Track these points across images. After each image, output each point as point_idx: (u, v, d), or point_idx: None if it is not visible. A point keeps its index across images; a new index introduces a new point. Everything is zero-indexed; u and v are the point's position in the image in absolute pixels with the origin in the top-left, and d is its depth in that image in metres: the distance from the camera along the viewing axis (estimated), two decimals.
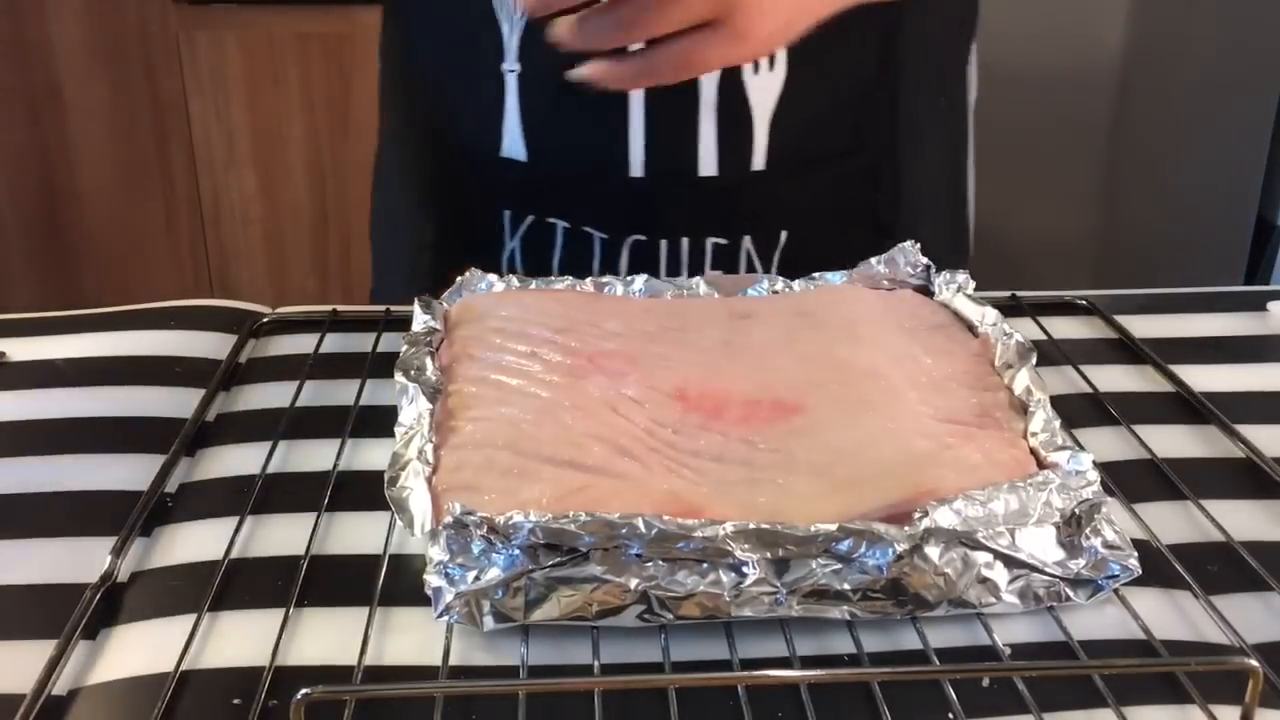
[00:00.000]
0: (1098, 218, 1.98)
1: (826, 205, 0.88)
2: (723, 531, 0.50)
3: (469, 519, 0.50)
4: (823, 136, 0.86)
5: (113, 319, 0.79)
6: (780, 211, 0.86)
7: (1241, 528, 0.58)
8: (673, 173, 0.84)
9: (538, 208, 0.87)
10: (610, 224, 0.86)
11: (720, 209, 0.85)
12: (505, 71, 0.82)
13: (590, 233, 0.86)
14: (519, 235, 0.88)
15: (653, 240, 0.85)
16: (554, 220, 0.87)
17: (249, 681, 0.49)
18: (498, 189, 0.87)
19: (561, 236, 0.87)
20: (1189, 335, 0.78)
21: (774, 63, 0.81)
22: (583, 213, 0.86)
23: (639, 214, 0.85)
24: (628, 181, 0.84)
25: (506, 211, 0.88)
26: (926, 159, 0.93)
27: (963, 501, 0.52)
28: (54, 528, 0.59)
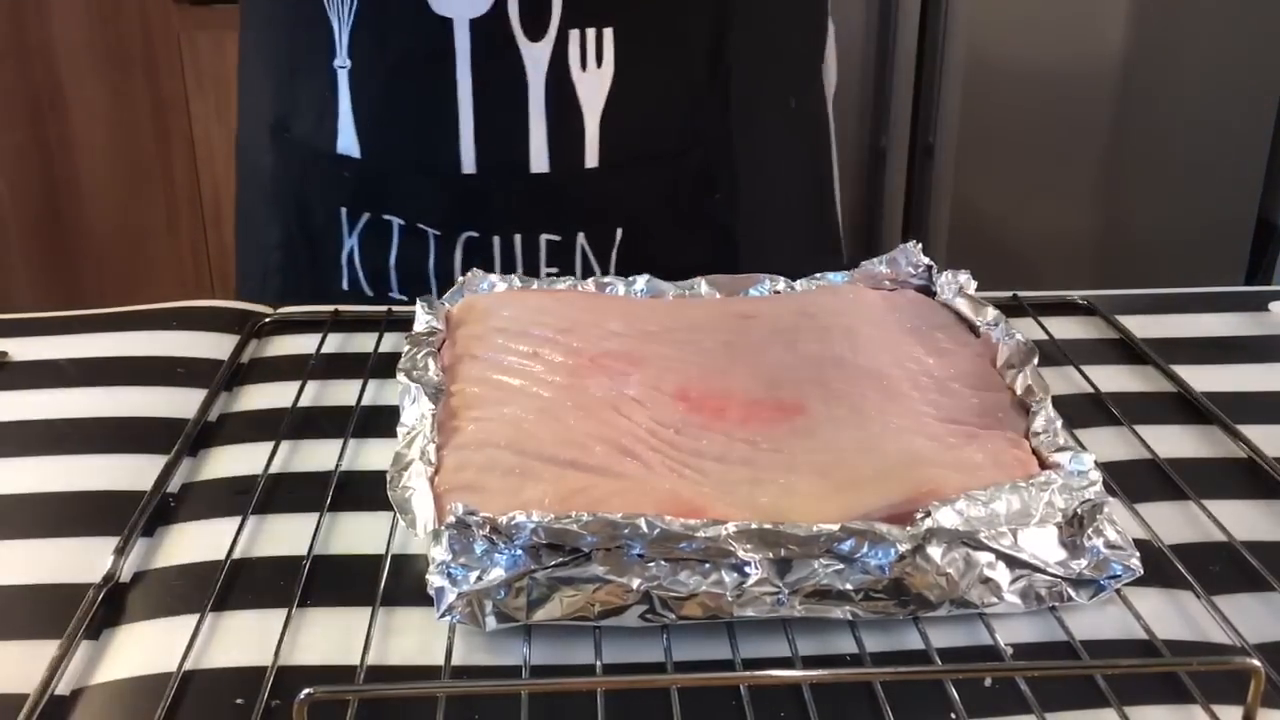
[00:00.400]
0: (1099, 217, 1.98)
1: (660, 204, 0.88)
2: (725, 531, 0.50)
3: (471, 519, 0.50)
4: (654, 135, 0.87)
5: (115, 319, 0.79)
6: (614, 209, 0.87)
7: (1243, 528, 0.58)
8: (504, 169, 0.84)
9: (373, 205, 0.87)
10: (443, 220, 0.86)
11: (553, 205, 0.86)
12: (337, 68, 0.83)
13: (424, 230, 0.86)
14: (357, 233, 0.88)
15: (486, 237, 0.85)
16: (390, 217, 0.87)
17: (251, 681, 0.49)
18: (334, 186, 0.88)
19: (398, 233, 0.87)
20: (1190, 335, 0.78)
21: (601, 60, 0.82)
22: (416, 209, 0.86)
23: (472, 210, 0.85)
24: (460, 178, 0.84)
25: (343, 209, 0.88)
26: (772, 160, 0.93)
27: (965, 501, 0.52)
28: (56, 528, 0.59)
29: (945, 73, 1.81)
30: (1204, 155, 1.95)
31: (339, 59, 0.83)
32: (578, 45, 0.81)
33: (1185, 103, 1.92)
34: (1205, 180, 1.97)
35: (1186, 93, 1.91)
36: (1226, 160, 1.97)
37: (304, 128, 0.88)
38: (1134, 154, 1.95)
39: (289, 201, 0.91)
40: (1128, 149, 1.94)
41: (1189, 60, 1.90)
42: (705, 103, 0.88)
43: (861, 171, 1.88)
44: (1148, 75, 1.90)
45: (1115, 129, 1.93)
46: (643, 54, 0.83)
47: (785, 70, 0.93)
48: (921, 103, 1.85)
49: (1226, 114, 1.94)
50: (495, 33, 0.80)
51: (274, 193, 0.92)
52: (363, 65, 0.83)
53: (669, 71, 0.85)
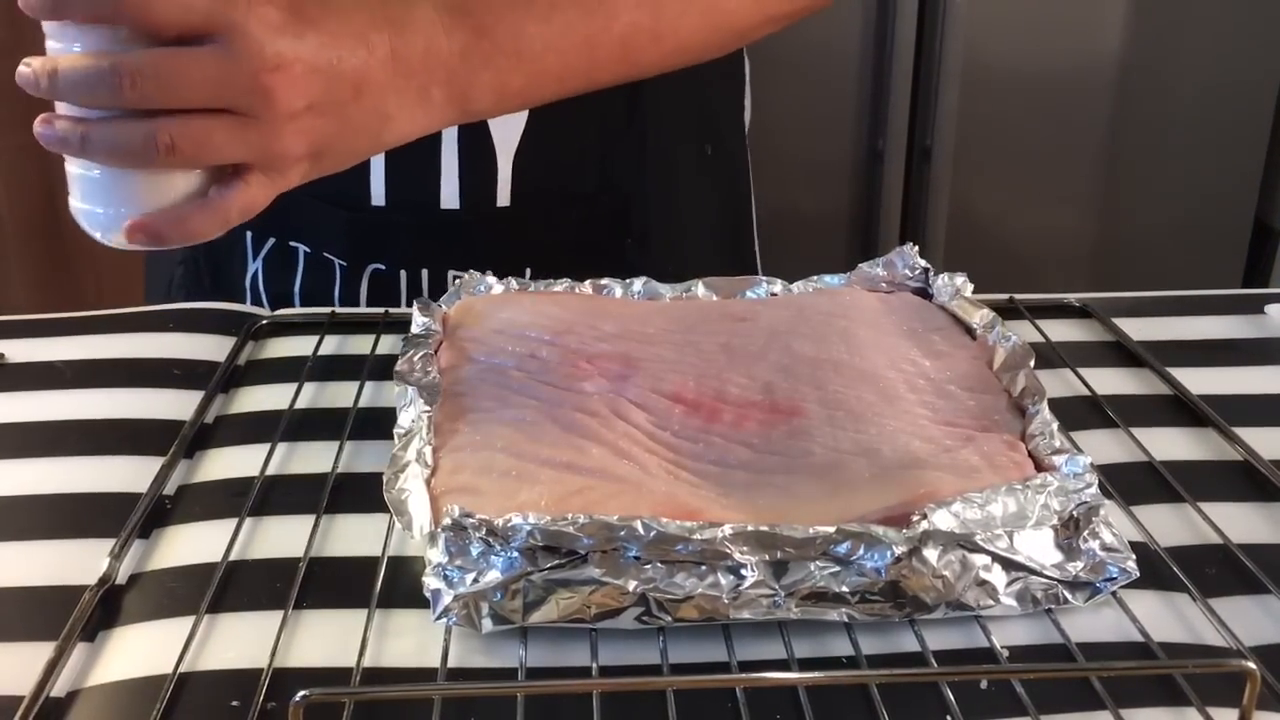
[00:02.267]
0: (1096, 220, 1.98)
1: (572, 244, 0.87)
2: (721, 534, 0.50)
3: (468, 521, 0.50)
4: (568, 176, 0.86)
5: (112, 321, 0.79)
6: (524, 248, 0.86)
7: (1239, 530, 0.58)
8: (414, 205, 0.83)
9: (279, 231, 0.86)
10: (350, 252, 0.85)
11: (462, 243, 0.85)
12: None
13: (330, 259, 0.85)
14: (261, 257, 0.87)
15: (392, 271, 0.85)
16: (296, 244, 0.86)
17: (247, 683, 0.49)
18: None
19: (303, 261, 0.86)
20: (1187, 338, 0.78)
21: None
22: (323, 239, 0.85)
23: (379, 244, 0.85)
24: (369, 211, 0.83)
25: (249, 233, 0.87)
26: (686, 204, 0.92)
27: (961, 504, 0.52)
28: (53, 530, 0.59)
29: (942, 75, 1.81)
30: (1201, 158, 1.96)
31: None
32: None
33: (1182, 106, 1.92)
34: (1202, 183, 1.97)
35: (1183, 96, 1.91)
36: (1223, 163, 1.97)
37: None
38: (1131, 157, 1.95)
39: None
40: (1125, 152, 1.94)
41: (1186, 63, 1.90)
42: (620, 147, 0.87)
43: (859, 174, 1.88)
44: (1145, 78, 1.90)
45: (1112, 132, 1.93)
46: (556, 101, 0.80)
47: (703, 118, 0.92)
48: (919, 105, 1.85)
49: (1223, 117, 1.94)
50: None
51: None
52: None
53: (584, 114, 0.82)
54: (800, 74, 1.74)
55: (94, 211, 0.58)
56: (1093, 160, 1.95)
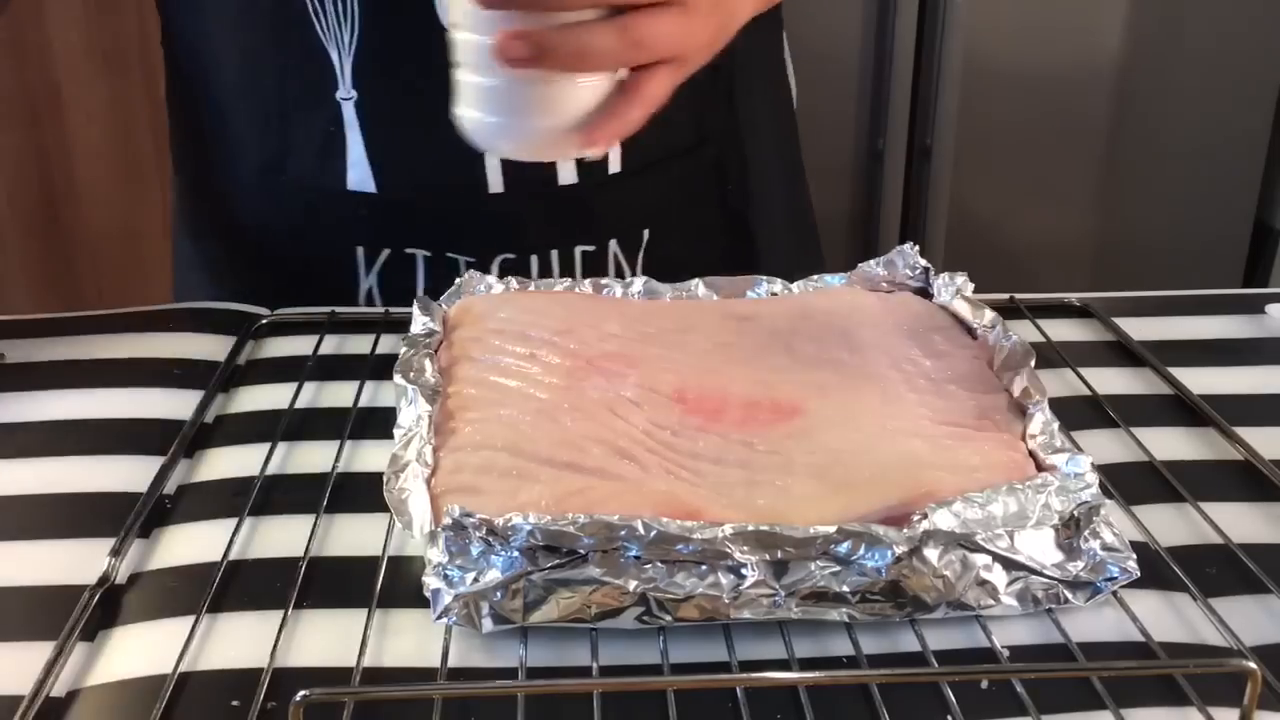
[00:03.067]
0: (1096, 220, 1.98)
1: (681, 200, 0.88)
2: (721, 533, 0.50)
3: (468, 521, 0.50)
4: (670, 132, 0.86)
5: (111, 320, 0.79)
6: (640, 211, 0.86)
7: (1240, 530, 0.58)
8: (533, 184, 0.82)
9: (394, 240, 0.84)
10: (476, 246, 0.84)
11: (584, 216, 0.84)
12: (340, 100, 0.80)
13: (455, 258, 0.84)
14: (375, 271, 0.85)
15: (523, 257, 0.84)
16: (414, 251, 0.84)
17: (247, 683, 0.49)
18: (347, 225, 0.84)
19: (424, 266, 0.84)
20: (1187, 338, 0.78)
21: None
22: (445, 239, 0.84)
23: (504, 231, 0.84)
24: (488, 199, 0.82)
25: (359, 248, 0.84)
26: (766, 149, 0.94)
27: (961, 504, 0.52)
28: (52, 529, 0.59)
29: (943, 75, 1.81)
30: (1201, 158, 1.96)
31: (342, 90, 0.80)
32: None
33: (1183, 105, 1.92)
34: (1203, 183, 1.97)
35: (1184, 95, 1.91)
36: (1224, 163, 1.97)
37: (304, 167, 0.83)
38: (1131, 157, 1.95)
39: (287, 247, 0.86)
40: (1125, 152, 1.94)
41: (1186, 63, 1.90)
42: (713, 93, 0.88)
43: (859, 174, 1.88)
44: (1145, 78, 1.90)
45: (1112, 132, 1.93)
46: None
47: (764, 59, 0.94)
48: (919, 105, 1.85)
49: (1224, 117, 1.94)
50: None
51: (262, 238, 0.88)
52: (371, 93, 0.80)
53: None
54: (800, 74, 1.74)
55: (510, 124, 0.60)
56: (1093, 160, 1.95)
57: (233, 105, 0.86)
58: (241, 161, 0.86)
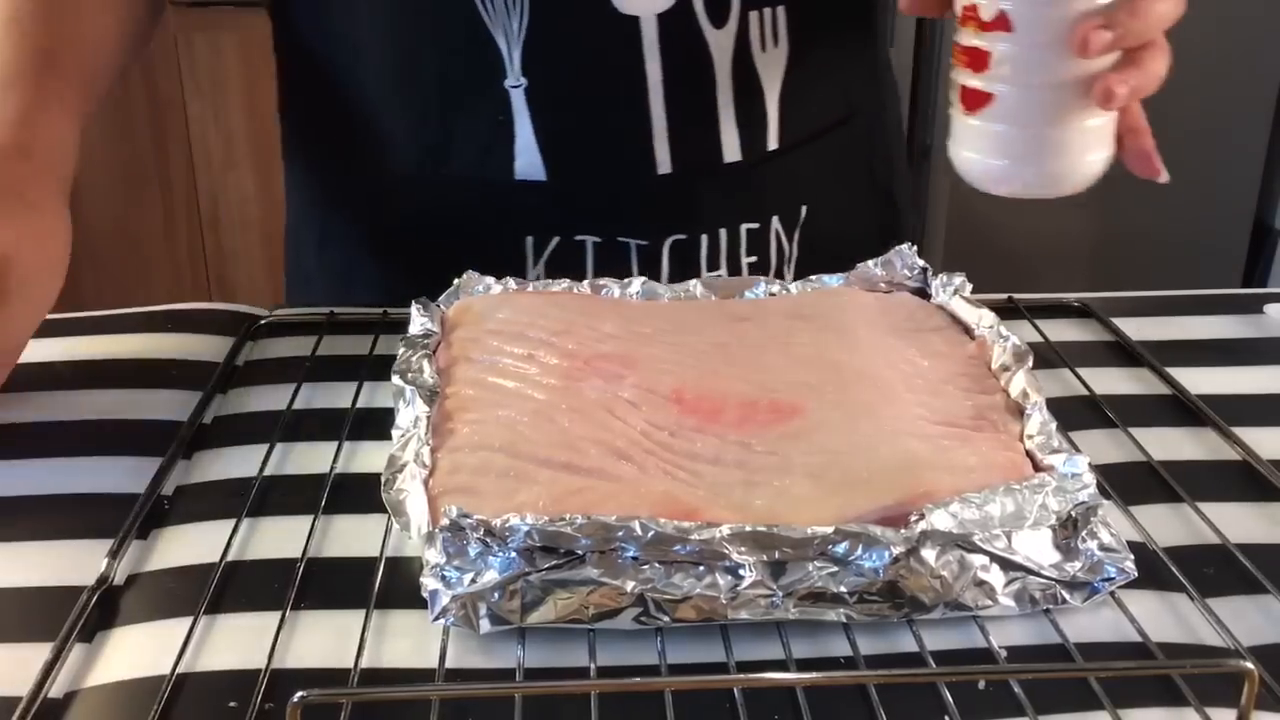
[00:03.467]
0: (1095, 220, 1.99)
1: (835, 174, 0.89)
2: (719, 534, 0.50)
3: (465, 521, 0.50)
4: (824, 106, 0.87)
5: (110, 321, 0.79)
6: (799, 187, 0.87)
7: (1238, 530, 0.58)
8: (699, 164, 0.82)
9: (563, 227, 0.83)
10: (646, 229, 0.83)
11: (748, 193, 0.84)
12: (509, 88, 0.79)
13: (625, 242, 0.83)
14: (543, 260, 0.84)
15: (693, 237, 0.84)
16: (582, 237, 0.83)
17: (245, 684, 0.49)
18: (514, 215, 0.83)
19: (593, 252, 0.83)
20: (1186, 338, 0.78)
21: (778, 37, 0.81)
22: (614, 223, 0.83)
23: (674, 212, 0.83)
24: (657, 180, 0.82)
25: (529, 238, 0.83)
26: (894, 121, 0.97)
27: (959, 504, 0.52)
28: (50, 530, 0.59)
29: (942, 74, 1.81)
30: (1201, 158, 1.96)
31: (511, 79, 0.79)
32: (758, 26, 0.80)
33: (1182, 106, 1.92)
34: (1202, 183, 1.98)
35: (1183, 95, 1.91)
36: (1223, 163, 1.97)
37: (469, 159, 0.82)
38: None
39: (445, 242, 0.85)
40: None
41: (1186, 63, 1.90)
42: (859, 70, 0.89)
43: None
44: None
45: None
46: (812, 28, 0.82)
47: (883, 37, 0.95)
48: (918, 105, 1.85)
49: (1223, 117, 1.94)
50: (682, 24, 0.78)
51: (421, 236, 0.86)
52: (542, 80, 0.79)
53: (832, 43, 0.85)
54: None
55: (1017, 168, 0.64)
56: None
57: (385, 103, 0.84)
58: (395, 159, 0.85)
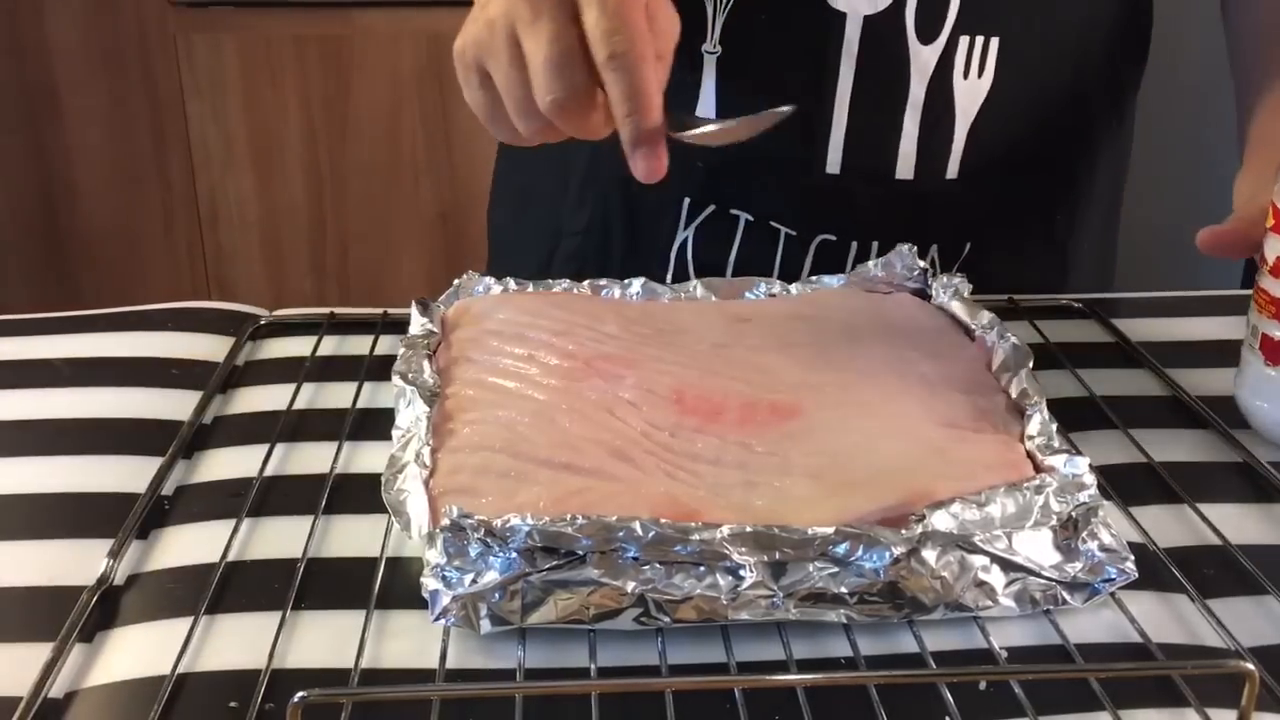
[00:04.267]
0: None
1: (1009, 220, 0.87)
2: (720, 534, 0.50)
3: (466, 522, 0.50)
4: (1016, 149, 0.85)
5: (110, 320, 0.79)
6: (968, 222, 0.85)
7: (1238, 531, 0.58)
8: (869, 173, 0.82)
9: (721, 197, 0.83)
10: (799, 221, 0.83)
11: (911, 214, 0.83)
12: (705, 52, 0.79)
13: (776, 228, 0.83)
14: (695, 225, 0.84)
15: (843, 240, 0.83)
16: (737, 212, 0.83)
17: (246, 684, 0.49)
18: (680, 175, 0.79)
19: (743, 229, 0.83)
20: (1186, 339, 0.78)
21: (984, 69, 0.80)
22: (771, 207, 0.83)
23: (829, 213, 0.82)
24: (822, 178, 0.81)
25: (686, 199, 0.83)
26: (1100, 188, 0.92)
27: (959, 505, 0.52)
28: (50, 530, 0.59)
29: None
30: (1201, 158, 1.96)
31: (709, 43, 0.79)
32: (965, 51, 0.79)
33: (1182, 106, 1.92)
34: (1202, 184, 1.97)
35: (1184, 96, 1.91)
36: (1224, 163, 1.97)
37: None
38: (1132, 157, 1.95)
39: (611, 186, 0.85)
40: None
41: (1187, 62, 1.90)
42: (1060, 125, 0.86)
43: None
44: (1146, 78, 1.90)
45: None
46: (1023, 65, 0.81)
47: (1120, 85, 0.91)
48: None
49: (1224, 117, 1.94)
50: (888, 31, 0.78)
51: (589, 175, 0.87)
52: (736, 52, 0.79)
53: (1043, 85, 0.83)
54: None
55: None
56: None
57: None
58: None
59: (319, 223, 2.10)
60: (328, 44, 1.98)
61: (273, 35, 1.98)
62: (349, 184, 2.05)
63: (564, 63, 0.57)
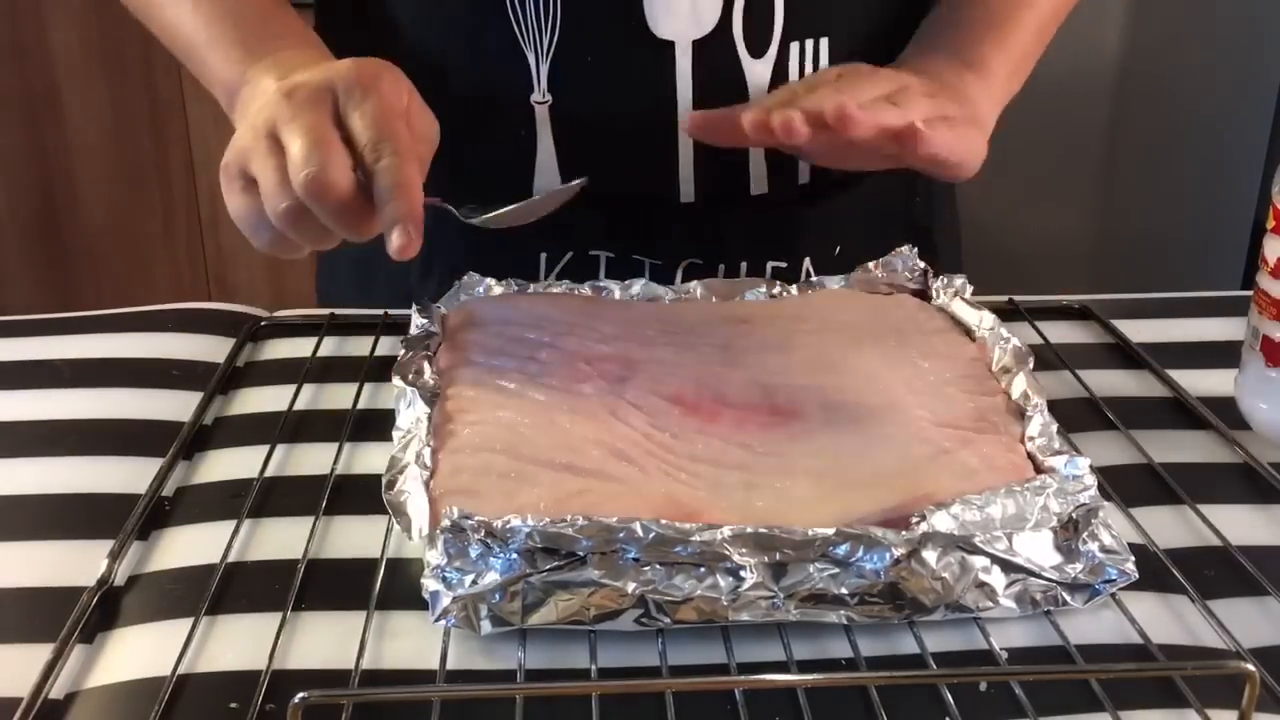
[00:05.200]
0: (1096, 222, 1.99)
1: (872, 215, 0.87)
2: (720, 535, 0.50)
3: (466, 523, 0.50)
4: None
5: (110, 321, 0.79)
6: (833, 226, 0.84)
7: (1238, 532, 0.58)
8: (724, 195, 0.81)
9: (578, 243, 0.82)
10: (662, 251, 0.82)
11: (776, 229, 0.83)
12: (534, 103, 0.78)
13: (640, 260, 0.82)
14: (555, 273, 0.83)
15: (710, 265, 0.82)
16: (597, 252, 0.82)
17: (246, 685, 0.49)
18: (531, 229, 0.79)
19: (605, 265, 0.82)
20: (1186, 340, 0.78)
21: (817, 67, 0.80)
22: (631, 242, 0.82)
23: (692, 239, 0.82)
24: (679, 208, 0.80)
25: (542, 253, 0.82)
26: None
27: (960, 506, 0.52)
28: (51, 531, 0.59)
29: None
30: (1201, 159, 1.96)
31: (536, 93, 0.78)
32: (798, 58, 0.79)
33: (1182, 106, 1.92)
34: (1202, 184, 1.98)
35: (1183, 96, 1.92)
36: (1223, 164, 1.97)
37: (492, 171, 0.80)
38: (1131, 158, 1.95)
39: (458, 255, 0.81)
40: (1124, 153, 1.94)
41: (1186, 64, 1.90)
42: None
43: None
44: (1145, 80, 1.90)
45: (1112, 133, 1.93)
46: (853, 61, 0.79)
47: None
48: None
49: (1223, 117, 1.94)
50: (718, 52, 0.77)
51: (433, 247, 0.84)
52: (567, 97, 0.78)
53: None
54: None
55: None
56: (1093, 161, 1.95)
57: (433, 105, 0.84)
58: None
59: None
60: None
61: None
62: None
63: (320, 143, 0.59)
